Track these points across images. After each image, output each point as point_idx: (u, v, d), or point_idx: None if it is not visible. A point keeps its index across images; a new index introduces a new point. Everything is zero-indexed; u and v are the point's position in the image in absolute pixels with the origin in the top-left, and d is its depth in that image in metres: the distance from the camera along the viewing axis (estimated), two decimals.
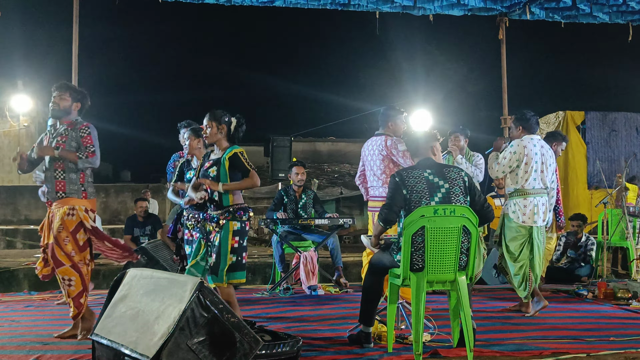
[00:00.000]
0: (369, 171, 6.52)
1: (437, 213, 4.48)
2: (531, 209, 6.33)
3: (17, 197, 15.99)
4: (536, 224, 6.35)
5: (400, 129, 6.47)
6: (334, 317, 6.29)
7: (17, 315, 6.60)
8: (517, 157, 6.34)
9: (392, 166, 6.33)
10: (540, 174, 6.39)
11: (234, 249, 5.16)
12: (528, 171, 6.33)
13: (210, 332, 3.83)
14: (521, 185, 6.36)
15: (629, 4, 8.85)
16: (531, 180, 6.34)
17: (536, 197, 6.36)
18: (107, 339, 4.05)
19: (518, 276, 6.37)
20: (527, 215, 6.33)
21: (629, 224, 8.32)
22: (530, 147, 6.35)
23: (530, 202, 6.34)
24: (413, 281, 4.53)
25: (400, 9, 9.23)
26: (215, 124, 5.29)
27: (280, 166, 11.62)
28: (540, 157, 6.39)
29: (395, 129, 6.44)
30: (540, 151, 6.40)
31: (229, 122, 5.33)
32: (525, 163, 6.32)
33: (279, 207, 8.68)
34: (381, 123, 6.52)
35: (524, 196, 6.36)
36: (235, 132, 5.37)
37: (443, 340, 5.09)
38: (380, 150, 6.36)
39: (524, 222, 6.34)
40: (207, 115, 5.34)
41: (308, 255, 8.00)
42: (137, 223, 10.28)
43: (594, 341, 5.11)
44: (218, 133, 5.30)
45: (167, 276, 4.28)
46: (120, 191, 17.73)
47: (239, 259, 5.19)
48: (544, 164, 6.41)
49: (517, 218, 6.37)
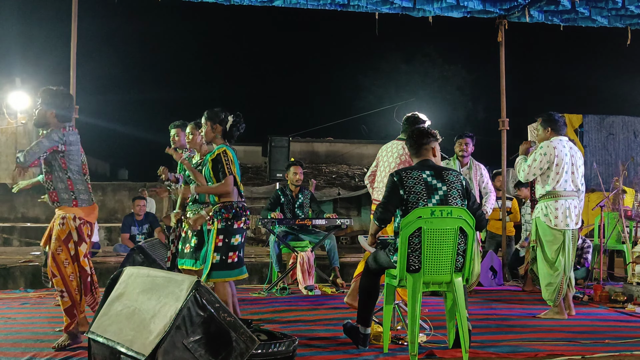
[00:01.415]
0: (382, 173, 6.58)
1: (434, 214, 4.48)
2: (563, 211, 6.22)
3: (13, 195, 15.95)
4: (568, 227, 6.23)
5: None
6: (331, 317, 6.29)
7: (13, 312, 6.60)
8: (548, 158, 6.22)
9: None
10: (571, 176, 6.27)
11: (218, 248, 5.15)
12: (559, 173, 6.22)
13: (206, 331, 3.83)
14: (552, 187, 6.24)
15: (628, 7, 8.85)
16: (562, 182, 6.23)
17: (567, 200, 6.25)
18: (103, 337, 4.05)
19: (552, 285, 6.25)
20: (560, 218, 6.22)
21: (625, 228, 8.33)
22: (560, 148, 6.24)
23: (562, 205, 6.23)
24: (409, 282, 4.53)
25: (400, 11, 9.22)
26: (210, 123, 5.33)
27: (278, 166, 11.63)
28: (570, 159, 6.27)
29: None
30: (569, 152, 6.29)
31: (225, 121, 5.34)
32: (556, 164, 6.20)
33: (275, 207, 8.68)
34: (404, 129, 6.63)
35: (555, 199, 6.24)
36: (231, 131, 5.37)
37: (439, 341, 5.10)
38: (400, 154, 6.47)
39: (556, 225, 6.23)
40: (204, 113, 5.37)
41: (305, 256, 8.01)
42: (134, 222, 10.29)
43: (589, 343, 5.12)
44: (212, 132, 5.33)
45: (163, 275, 4.28)
46: (117, 190, 17.73)
47: (223, 258, 5.16)
48: (574, 165, 6.30)
49: (548, 221, 6.25)
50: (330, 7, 9.06)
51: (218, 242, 5.17)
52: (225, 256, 5.17)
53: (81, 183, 5.32)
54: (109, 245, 13.33)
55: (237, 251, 5.25)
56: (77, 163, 5.29)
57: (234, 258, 5.23)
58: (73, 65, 8.42)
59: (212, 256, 5.15)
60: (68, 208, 5.24)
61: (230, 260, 5.20)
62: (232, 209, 5.22)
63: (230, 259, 5.20)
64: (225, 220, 5.19)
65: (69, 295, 5.17)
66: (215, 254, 5.15)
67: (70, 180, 5.25)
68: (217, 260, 5.15)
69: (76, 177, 5.28)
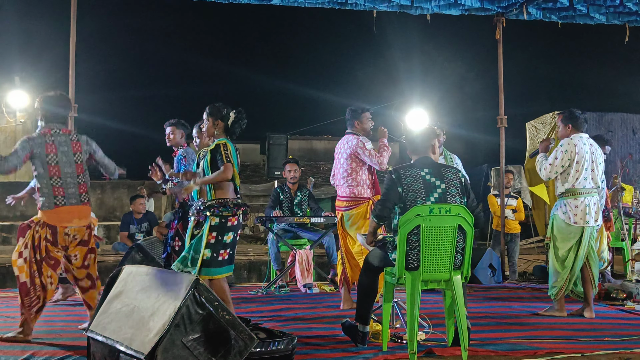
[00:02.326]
0: (336, 169, 6.67)
1: (433, 212, 4.48)
2: (582, 209, 6.17)
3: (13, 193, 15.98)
4: (588, 224, 6.19)
5: (368, 127, 6.61)
6: (329, 315, 6.29)
7: (12, 311, 6.59)
8: (569, 156, 6.18)
9: (355, 165, 6.45)
10: (591, 173, 6.24)
11: (209, 244, 5.09)
12: (579, 170, 6.18)
13: (205, 329, 3.83)
14: (572, 185, 6.20)
15: (625, 4, 8.86)
16: (582, 179, 6.19)
17: (587, 197, 6.20)
18: (102, 336, 4.05)
19: (559, 282, 6.25)
20: (579, 215, 6.18)
21: (624, 225, 8.34)
22: (580, 145, 6.20)
23: (582, 202, 6.19)
24: (408, 280, 4.54)
25: (398, 8, 9.22)
26: (212, 119, 5.31)
27: (276, 164, 11.62)
28: (590, 156, 6.24)
29: (363, 127, 6.58)
30: (590, 149, 6.26)
31: (227, 117, 5.33)
32: (577, 162, 6.17)
33: (276, 205, 8.69)
34: (348, 123, 6.65)
35: (575, 196, 6.20)
36: (233, 127, 5.35)
37: (438, 339, 5.10)
38: (346, 149, 6.50)
39: (576, 222, 6.19)
40: (206, 109, 5.36)
41: (303, 254, 8.01)
42: (133, 220, 10.28)
43: (589, 341, 5.12)
44: (213, 128, 5.32)
45: (162, 273, 4.28)
46: (116, 187, 17.71)
47: (214, 255, 5.09)
48: (594, 163, 6.27)
49: (568, 219, 6.22)
50: (328, 5, 9.07)
51: (210, 239, 5.10)
52: (217, 253, 5.11)
53: (45, 186, 5.32)
54: (108, 243, 13.32)
55: (228, 249, 5.20)
56: (43, 166, 5.29)
57: (225, 256, 5.16)
58: (72, 63, 8.41)
59: (202, 253, 5.09)
60: (40, 211, 5.36)
61: (221, 258, 5.14)
62: (227, 206, 5.18)
63: (221, 257, 5.14)
64: (220, 217, 5.15)
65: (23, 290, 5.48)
66: (207, 250, 5.07)
67: (38, 184, 5.33)
68: (208, 257, 5.07)
69: (42, 181, 5.31)
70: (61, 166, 5.35)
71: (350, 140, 6.51)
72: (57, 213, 5.34)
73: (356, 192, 6.48)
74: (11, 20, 21.62)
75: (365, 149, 6.39)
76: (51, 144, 5.31)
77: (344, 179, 6.51)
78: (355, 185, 6.48)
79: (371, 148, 6.43)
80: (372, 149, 6.43)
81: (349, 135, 6.58)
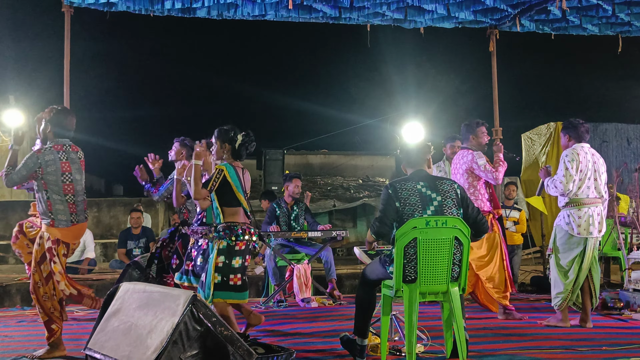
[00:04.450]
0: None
1: (429, 224, 4.49)
2: (586, 219, 6.14)
3: (8, 212, 15.90)
4: (592, 235, 6.16)
5: (483, 141, 6.84)
6: (328, 329, 6.28)
7: (10, 330, 6.57)
8: (576, 165, 6.12)
9: (472, 180, 6.68)
10: (594, 182, 6.21)
11: (218, 268, 5.18)
12: (582, 179, 6.15)
13: (203, 345, 3.83)
14: (575, 195, 6.17)
15: (618, 15, 8.91)
16: (584, 188, 6.16)
17: (591, 207, 6.17)
18: (100, 353, 4.04)
19: (562, 294, 6.21)
20: (582, 226, 6.15)
21: (620, 234, 8.35)
22: (582, 154, 6.17)
23: (585, 213, 6.16)
24: (406, 293, 4.54)
25: (391, 22, 9.27)
26: (219, 142, 5.41)
27: (272, 179, 11.65)
28: (592, 165, 6.21)
29: (478, 141, 6.82)
30: (592, 159, 6.23)
31: (234, 140, 5.41)
32: (580, 171, 6.13)
33: (273, 220, 8.70)
34: (464, 138, 6.91)
35: (578, 206, 6.17)
36: (240, 150, 5.43)
37: (436, 351, 5.10)
38: (462, 164, 6.73)
39: (579, 233, 6.16)
40: (214, 132, 5.44)
41: (301, 268, 8.00)
42: (130, 236, 10.27)
43: (587, 351, 5.13)
44: (221, 151, 5.40)
45: (160, 290, 4.28)
46: (113, 205, 17.65)
47: (224, 279, 5.17)
48: (596, 172, 6.23)
49: (571, 229, 6.19)
50: (322, 20, 9.11)
51: (218, 263, 5.19)
52: (227, 277, 5.18)
53: (60, 203, 5.27)
54: (105, 261, 13.29)
55: (238, 273, 5.24)
56: (57, 183, 5.25)
57: (237, 281, 5.23)
58: (66, 82, 8.42)
59: (213, 276, 5.16)
60: (48, 228, 5.26)
61: (233, 283, 5.20)
62: (236, 231, 5.25)
63: (233, 282, 5.20)
64: (227, 241, 5.21)
65: (44, 312, 5.27)
66: (217, 274, 5.17)
67: (49, 200, 5.25)
68: (219, 280, 5.17)
69: (55, 198, 5.25)
70: (75, 184, 5.36)
71: (465, 155, 6.73)
72: (72, 231, 5.35)
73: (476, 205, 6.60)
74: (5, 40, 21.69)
75: (479, 165, 6.61)
76: (65, 161, 5.30)
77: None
78: (474, 199, 6.64)
79: (484, 164, 6.63)
80: (485, 164, 6.63)
81: (464, 150, 6.81)
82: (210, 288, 5.16)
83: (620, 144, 15.66)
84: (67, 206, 5.29)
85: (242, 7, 8.48)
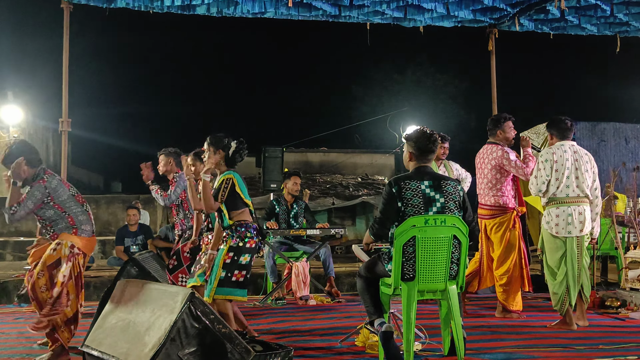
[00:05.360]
0: (479, 179, 6.79)
1: (428, 223, 4.49)
2: (564, 218, 6.03)
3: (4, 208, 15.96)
4: (570, 234, 6.03)
5: (511, 135, 6.75)
6: (326, 327, 6.29)
7: (7, 327, 6.57)
8: (550, 165, 6.03)
9: (500, 176, 6.61)
10: (575, 181, 6.05)
11: (225, 265, 5.20)
12: (559, 178, 6.03)
13: (201, 342, 3.84)
14: (553, 194, 6.08)
15: (616, 15, 8.93)
16: (563, 187, 6.03)
17: (571, 206, 6.02)
18: (97, 350, 4.05)
19: (557, 295, 6.12)
20: (560, 225, 6.04)
21: (617, 234, 8.36)
22: (559, 153, 6.05)
23: (564, 212, 6.03)
24: (404, 291, 4.54)
25: (391, 21, 9.28)
26: (213, 149, 5.39)
27: (272, 177, 11.61)
28: (572, 163, 6.06)
29: (505, 136, 6.72)
30: (572, 157, 6.08)
31: (228, 147, 5.40)
32: (556, 170, 6.02)
33: (271, 217, 8.69)
34: (490, 133, 6.79)
35: (556, 205, 6.07)
36: (234, 157, 5.43)
37: (434, 349, 5.11)
38: (490, 159, 6.63)
39: (557, 232, 6.06)
40: (207, 139, 5.42)
41: (300, 266, 8.00)
42: (128, 233, 10.27)
43: (584, 349, 5.14)
44: (214, 157, 5.38)
45: (157, 287, 4.29)
46: (111, 202, 17.66)
47: (228, 275, 5.19)
48: (578, 170, 6.04)
49: (550, 229, 6.11)
50: (322, 18, 9.11)
51: (226, 259, 5.21)
52: (231, 273, 5.19)
53: (82, 214, 5.27)
54: (103, 258, 13.29)
55: (243, 270, 5.26)
56: (71, 199, 5.23)
57: (239, 277, 5.24)
58: (65, 78, 8.43)
59: (218, 271, 5.18)
60: (68, 235, 5.18)
61: (235, 279, 5.21)
62: (248, 229, 5.29)
63: (235, 277, 5.21)
64: (238, 239, 5.24)
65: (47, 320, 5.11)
66: (222, 270, 5.19)
67: (71, 215, 5.21)
68: (222, 276, 5.18)
69: (76, 211, 5.23)
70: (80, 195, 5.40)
71: (494, 150, 6.61)
72: (91, 242, 5.35)
73: (501, 202, 6.63)
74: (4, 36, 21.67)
75: (510, 161, 6.53)
76: (61, 179, 5.31)
77: (489, 189, 6.65)
78: (500, 195, 6.62)
79: (515, 159, 6.57)
80: (516, 160, 6.58)
81: (492, 145, 6.68)
82: (212, 283, 5.17)
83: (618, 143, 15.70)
84: (87, 216, 5.31)
85: (241, 4, 8.49)
